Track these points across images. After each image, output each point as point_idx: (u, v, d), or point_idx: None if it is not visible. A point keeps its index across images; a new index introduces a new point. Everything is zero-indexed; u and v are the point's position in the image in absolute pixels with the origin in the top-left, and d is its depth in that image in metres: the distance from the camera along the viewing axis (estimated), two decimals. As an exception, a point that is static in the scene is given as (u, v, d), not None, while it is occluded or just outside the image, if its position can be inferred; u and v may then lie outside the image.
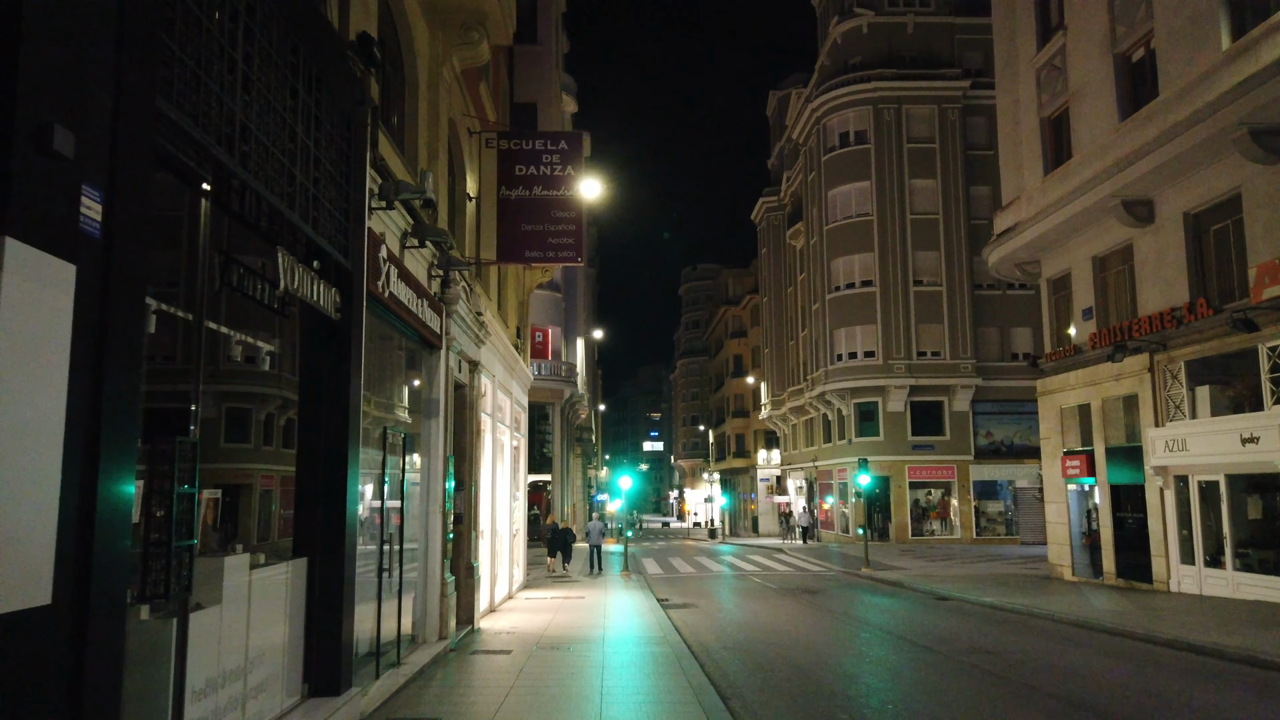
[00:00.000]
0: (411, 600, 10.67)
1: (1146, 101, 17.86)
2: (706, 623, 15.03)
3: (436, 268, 10.95)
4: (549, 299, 41.17)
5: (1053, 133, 21.89)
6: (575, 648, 11.47)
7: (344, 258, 7.04)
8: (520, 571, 20.44)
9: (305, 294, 6.08)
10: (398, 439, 9.55)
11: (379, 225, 8.32)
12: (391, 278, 8.49)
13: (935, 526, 41.10)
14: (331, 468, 6.99)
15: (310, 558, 6.87)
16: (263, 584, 6.00)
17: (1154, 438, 18.29)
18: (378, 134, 8.26)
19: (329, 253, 6.66)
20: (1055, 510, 22.61)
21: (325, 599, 6.91)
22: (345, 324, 7.11)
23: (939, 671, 10.31)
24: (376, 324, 8.94)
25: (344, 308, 7.07)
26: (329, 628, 6.91)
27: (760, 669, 10.59)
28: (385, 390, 9.80)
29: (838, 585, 21.94)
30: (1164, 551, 18.37)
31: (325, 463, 6.98)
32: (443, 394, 11.22)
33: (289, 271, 5.71)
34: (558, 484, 41.54)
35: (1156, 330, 18.18)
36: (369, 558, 8.65)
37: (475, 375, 13.71)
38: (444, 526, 11.19)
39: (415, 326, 9.81)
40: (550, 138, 14.27)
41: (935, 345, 40.91)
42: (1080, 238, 21.03)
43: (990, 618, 15.45)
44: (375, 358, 9.30)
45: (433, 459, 11.06)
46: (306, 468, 6.95)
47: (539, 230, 14.08)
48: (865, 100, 42.34)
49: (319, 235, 6.37)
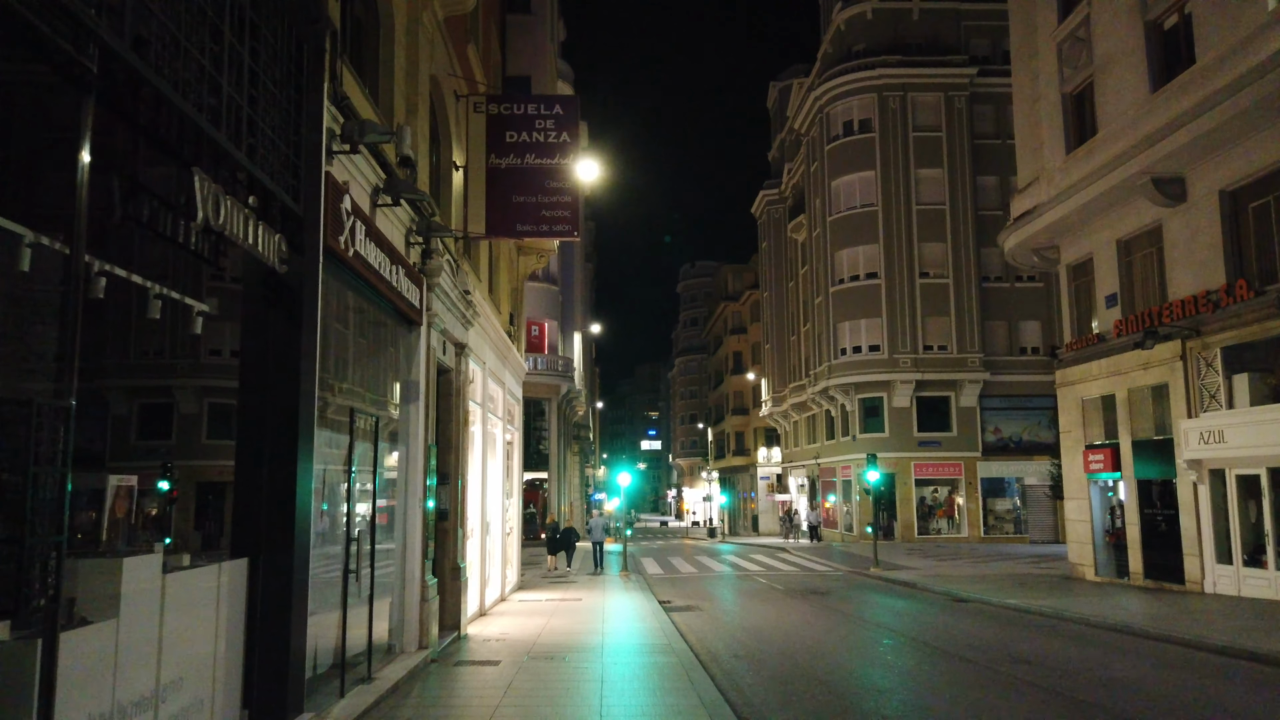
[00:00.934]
0: (388, 605, 9.55)
1: (1181, 71, 16.74)
2: (713, 627, 13.91)
3: (415, 234, 9.82)
4: (545, 292, 39.99)
5: (1075, 109, 20.77)
6: (571, 658, 10.34)
7: (293, 200, 5.92)
8: (514, 572, 19.32)
9: (236, 234, 4.96)
10: (369, 423, 8.42)
11: (342, 173, 7.19)
12: (358, 235, 7.36)
13: (942, 525, 40.01)
14: (279, 451, 5.87)
15: (252, 558, 5.75)
16: (183, 590, 4.87)
17: (1187, 429, 17.19)
18: (340, 67, 7.14)
19: (272, 191, 5.54)
20: (1076, 507, 21.50)
21: (271, 606, 5.79)
22: (296, 280, 5.99)
23: (980, 686, 9.20)
24: (342, 290, 7.81)
25: (294, 260, 5.94)
26: (275, 640, 5.80)
27: (778, 682, 9.47)
28: (357, 371, 8.67)
29: (847, 586, 20.84)
30: (1197, 550, 17.26)
31: (271, 445, 5.87)
32: (423, 376, 10.09)
33: (209, 201, 4.58)
34: (554, 482, 40.38)
35: (1189, 315, 17.09)
36: (333, 559, 7.53)
37: (462, 359, 12.59)
38: (425, 523, 10.07)
39: (390, 298, 8.68)
40: (544, 101, 13.13)
41: (942, 339, 39.81)
42: (1104, 220, 19.92)
43: (1017, 621, 14.34)
44: (343, 332, 8.18)
45: (412, 448, 9.93)
46: (248, 451, 5.84)
47: (531, 202, 12.95)
48: (869, 88, 41.21)
49: (256, 166, 5.25)
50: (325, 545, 7.44)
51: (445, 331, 11.25)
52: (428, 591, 9.99)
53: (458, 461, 12.32)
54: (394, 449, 9.78)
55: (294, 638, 5.92)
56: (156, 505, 6.10)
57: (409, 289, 9.32)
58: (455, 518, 12.19)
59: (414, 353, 10.01)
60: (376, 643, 9.10)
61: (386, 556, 9.30)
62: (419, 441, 9.97)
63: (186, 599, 4.94)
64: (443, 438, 12.08)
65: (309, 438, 6.10)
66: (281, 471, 5.85)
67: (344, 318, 8.24)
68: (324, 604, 7.40)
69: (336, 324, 8.12)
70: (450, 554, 11.98)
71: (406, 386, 9.89)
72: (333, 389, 8.04)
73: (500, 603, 16.57)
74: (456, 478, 12.28)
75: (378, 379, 9.32)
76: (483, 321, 14.42)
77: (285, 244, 5.71)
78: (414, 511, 9.82)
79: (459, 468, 12.42)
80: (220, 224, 4.75)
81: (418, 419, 9.95)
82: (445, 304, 11.06)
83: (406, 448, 9.86)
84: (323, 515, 7.27)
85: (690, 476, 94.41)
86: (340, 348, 8.25)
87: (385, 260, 8.29)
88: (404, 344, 9.92)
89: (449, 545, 11.98)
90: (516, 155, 12.97)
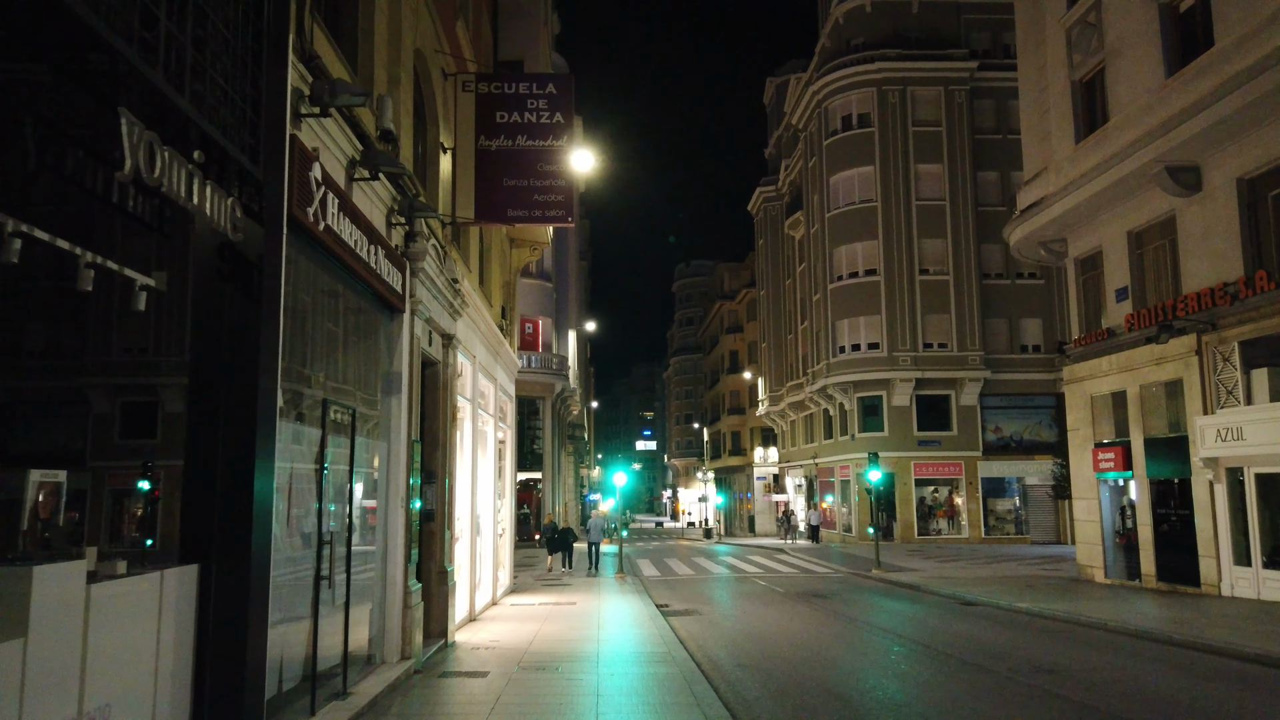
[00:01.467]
0: (368, 613, 8.89)
1: (1198, 54, 16.15)
2: (713, 633, 13.27)
3: (398, 214, 9.16)
4: (539, 288, 39.34)
5: (1085, 96, 20.18)
6: (565, 668, 9.69)
7: (250, 161, 5.26)
8: (506, 575, 18.65)
9: (176, 192, 4.30)
10: (344, 416, 7.76)
11: (312, 139, 6.54)
12: (330, 209, 6.70)
13: (942, 525, 39.42)
14: (234, 444, 5.22)
15: (203, 564, 5.09)
16: (114, 602, 4.22)
17: (1203, 426, 16.60)
18: (310, 24, 6.48)
19: (223, 148, 4.88)
20: (1085, 507, 20.90)
21: (225, 617, 5.13)
22: (255, 252, 5.33)
23: (1003, 699, 8.57)
24: (313, 270, 7.15)
25: (251, 230, 5.29)
26: (230, 655, 5.14)
27: (786, 695, 8.82)
28: (333, 360, 8.01)
29: (849, 588, 20.21)
30: (1214, 551, 16.67)
31: (227, 437, 5.21)
32: (406, 366, 9.43)
33: (141, 149, 3.93)
34: (548, 482, 39.70)
35: (1206, 308, 16.51)
36: (302, 563, 6.87)
37: (450, 351, 11.93)
38: (408, 524, 9.41)
39: (369, 281, 8.02)
40: (536, 80, 12.46)
41: (942, 337, 39.23)
42: (1114, 211, 19.34)
43: (1031, 626, 13.72)
44: (317, 317, 7.52)
45: (394, 444, 9.27)
46: (200, 444, 5.18)
47: (523, 186, 12.29)
48: (869, 82, 40.62)
49: (202, 116, 4.59)
50: (295, 549, 6.79)
51: (431, 321, 10.59)
52: (411, 597, 9.33)
53: (445, 459, 11.67)
54: (362, 438, 9.12)
55: (252, 652, 5.26)
56: (140, 506, 5.59)
57: (390, 272, 8.66)
58: (442, 518, 11.53)
59: (396, 342, 9.35)
60: (356, 653, 8.45)
61: (368, 560, 8.64)
62: (401, 437, 9.31)
63: (119, 612, 4.28)
64: (429, 434, 11.43)
65: (270, 429, 5.44)
66: (237, 466, 5.19)
67: (317, 301, 7.58)
68: (294, 612, 6.75)
69: (308, 307, 7.46)
70: (437, 557, 11.32)
71: (388, 378, 9.23)
72: (306, 379, 7.39)
73: (492, 607, 15.91)
74: (444, 476, 11.63)
75: (356, 369, 8.65)
76: (472, 313, 13.76)
77: (240, 209, 5.05)
78: (396, 512, 9.16)
79: (446, 466, 11.76)
80: (156, 178, 4.09)
81: (400, 413, 9.29)
82: (431, 291, 10.40)
83: (388, 443, 9.20)
84: (290, 516, 6.61)
85: (686, 477, 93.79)
86: (314, 334, 7.60)
87: (362, 239, 7.63)
88: (385, 332, 9.26)
89: (435, 548, 11.33)
90: (507, 137, 12.32)
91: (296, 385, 7.16)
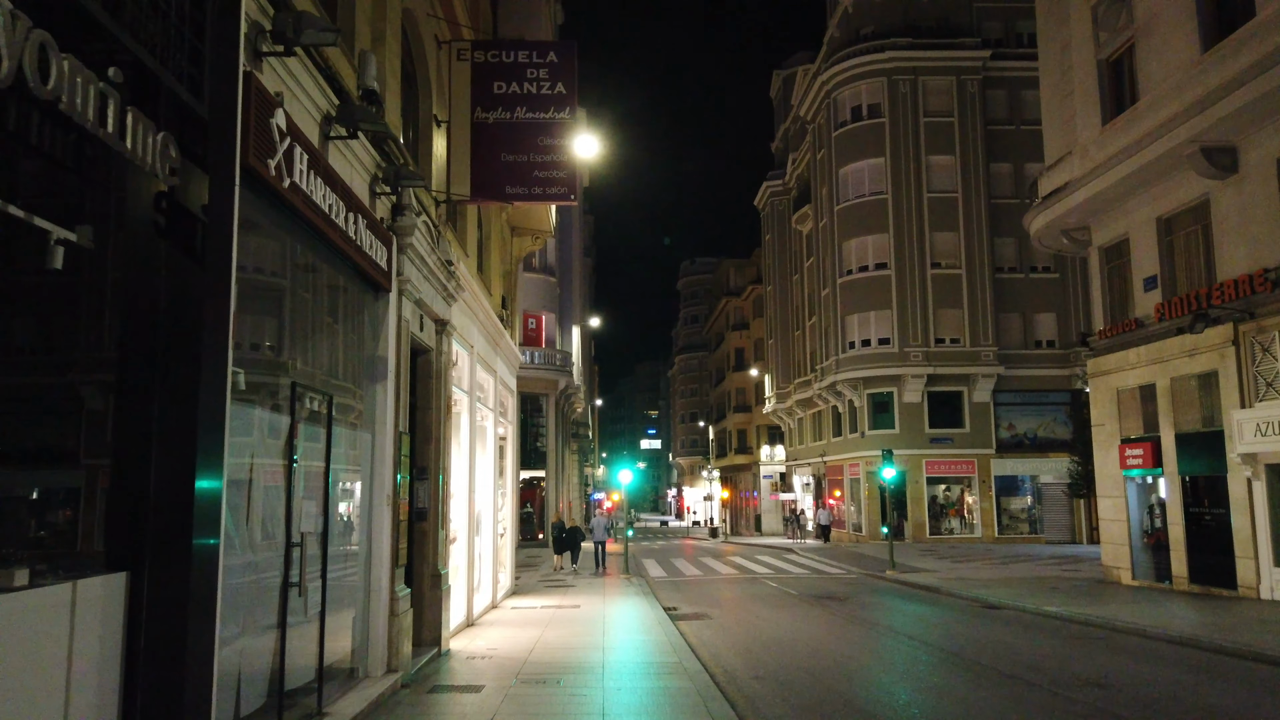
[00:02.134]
0: (352, 621, 8.08)
1: (1236, 26, 15.27)
2: (726, 640, 12.44)
3: (382, 182, 8.34)
4: (542, 283, 38.49)
5: (1113, 76, 19.29)
6: (567, 680, 8.87)
7: (191, 95, 4.44)
8: (507, 576, 17.84)
9: (82, 114, 3.49)
10: (319, 403, 6.94)
11: (276, 83, 5.72)
12: (298, 165, 5.88)
13: (954, 525, 38.52)
14: (172, 431, 4.40)
15: (133, 571, 4.27)
16: (6, 619, 3.40)
17: (1240, 420, 15.72)
18: (274, -49, 5.66)
19: (153, 70, 4.06)
20: (1110, 506, 20.02)
21: (160, 632, 4.32)
22: (198, 201, 4.51)
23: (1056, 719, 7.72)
24: (281, 237, 6.34)
25: (193, 177, 4.47)
26: (166, 676, 4.33)
27: (812, 713, 7.98)
28: (307, 341, 7.19)
29: (864, 590, 19.37)
30: (1252, 552, 15.79)
31: (163, 424, 4.39)
32: (393, 351, 8.61)
33: (28, 50, 3.11)
34: (552, 481, 38.82)
35: (1243, 296, 15.63)
36: (265, 568, 6.05)
37: (444, 338, 11.11)
38: (395, 523, 8.59)
39: (348, 253, 7.20)
40: (536, 48, 11.63)
41: (954, 332, 38.32)
42: (1143, 196, 18.45)
43: (1063, 632, 12.87)
44: (289, 295, 6.71)
45: (379, 436, 8.45)
46: (130, 431, 4.37)
47: (523, 161, 11.47)
48: (879, 71, 39.72)
49: (119, 25, 3.77)
50: (261, 552, 5.98)
51: (422, 304, 9.77)
52: (398, 604, 8.51)
53: (439, 454, 10.85)
54: (359, 437, 8.30)
55: (194, 671, 4.45)
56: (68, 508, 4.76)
57: (373, 245, 7.84)
58: (436, 518, 10.72)
59: (382, 323, 8.53)
60: (337, 666, 7.64)
61: (339, 560, 7.82)
62: (388, 428, 8.49)
63: (15, 631, 3.47)
64: (421, 427, 10.62)
65: (216, 416, 4.63)
66: (175, 458, 4.38)
67: (291, 275, 6.77)
68: (259, 624, 5.94)
69: (280, 282, 6.65)
70: (429, 559, 10.51)
71: (372, 363, 8.41)
72: (280, 364, 6.58)
73: (491, 610, 15.10)
74: (438, 473, 10.82)
75: (336, 354, 7.83)
76: (469, 299, 12.95)
77: (175, 148, 4.23)
78: (381, 510, 8.34)
79: (441, 461, 10.95)
80: (50, 92, 3.27)
81: (386, 402, 8.47)
82: (422, 271, 9.58)
83: (372, 435, 8.38)
84: (250, 515, 5.80)
85: (691, 475, 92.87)
86: (287, 313, 6.78)
87: (339, 204, 6.80)
88: (370, 313, 8.44)
89: (428, 549, 10.51)
90: (505, 109, 11.49)
91: (266, 369, 6.36)
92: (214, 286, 4.67)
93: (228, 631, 5.31)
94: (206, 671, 4.59)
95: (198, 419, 4.46)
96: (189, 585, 4.41)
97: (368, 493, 8.30)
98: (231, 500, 5.51)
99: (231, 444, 5.32)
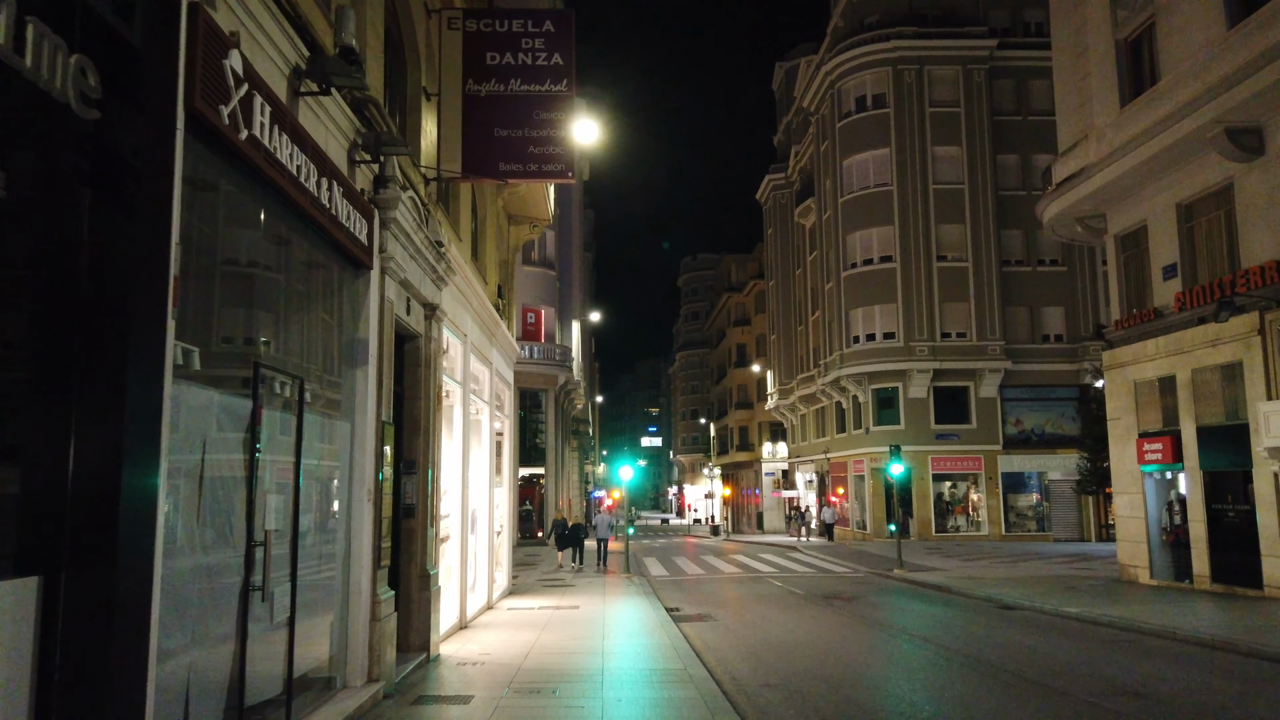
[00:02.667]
0: (329, 626, 7.44)
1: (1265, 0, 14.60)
2: (732, 643, 11.80)
3: (362, 150, 7.69)
4: (542, 276, 37.85)
5: (1131, 56, 18.61)
6: (563, 690, 8.23)
7: (117, 16, 3.79)
8: (504, 576, 17.20)
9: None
10: (289, 387, 6.30)
11: (231, 21, 5.06)
12: (259, 117, 5.24)
13: (960, 522, 37.89)
14: (96, 414, 3.76)
15: (47, 575, 3.63)
16: None
17: (1267, 413, 15.05)
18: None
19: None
20: (1127, 502, 19.37)
21: (80, 646, 3.68)
22: (129, 144, 3.86)
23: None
24: (246, 203, 5.69)
25: (123, 115, 3.82)
26: (84, 699, 3.69)
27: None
28: (278, 322, 6.54)
29: (873, 590, 18.73)
30: (1278, 551, 15.16)
31: (84, 406, 3.75)
32: (375, 333, 7.97)
33: None
34: (552, 478, 38.21)
35: (1270, 283, 14.99)
36: (223, 570, 5.41)
37: (434, 324, 10.46)
38: (377, 521, 7.95)
39: (323, 224, 6.55)
40: (532, 16, 10.97)
41: (960, 326, 37.66)
42: (1162, 181, 17.79)
43: (1086, 635, 12.23)
44: (255, 269, 6.07)
45: (359, 425, 7.80)
46: (46, 414, 3.72)
47: (518, 136, 10.81)
48: (884, 61, 39.03)
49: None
50: (217, 552, 5.34)
51: (408, 284, 9.12)
52: (380, 607, 7.87)
53: (428, 447, 10.21)
54: (336, 426, 7.65)
55: (121, 692, 3.81)
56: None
57: (351, 217, 7.19)
58: (425, 514, 10.07)
59: (362, 303, 7.88)
60: (312, 676, 7.01)
61: (313, 558, 7.17)
62: (369, 417, 7.84)
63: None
64: (409, 418, 9.98)
65: (151, 401, 3.98)
66: (97, 445, 3.74)
67: (255, 245, 6.12)
68: (215, 633, 5.31)
69: (238, 250, 6.01)
70: (417, 558, 9.87)
71: (352, 346, 7.76)
72: (238, 341, 5.95)
73: (487, 611, 14.47)
74: (427, 467, 10.17)
75: (310, 335, 7.18)
76: (461, 284, 12.30)
77: (96, 77, 3.58)
78: (361, 505, 7.70)
79: (430, 455, 10.30)
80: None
81: (367, 387, 7.82)
82: (408, 249, 8.94)
83: (351, 424, 7.73)
84: (202, 511, 5.15)
85: (692, 473, 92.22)
86: (249, 287, 6.14)
87: (310, 168, 6.16)
88: (349, 292, 7.79)
89: (416, 548, 9.87)
90: (499, 80, 10.83)
91: (226, 348, 5.72)
92: (149, 244, 4.03)
93: (174, 642, 4.68)
94: (138, 688, 3.95)
95: (125, 402, 3.82)
96: (115, 591, 3.77)
97: (346, 487, 7.66)
98: (181, 496, 4.88)
99: (181, 431, 4.70)
